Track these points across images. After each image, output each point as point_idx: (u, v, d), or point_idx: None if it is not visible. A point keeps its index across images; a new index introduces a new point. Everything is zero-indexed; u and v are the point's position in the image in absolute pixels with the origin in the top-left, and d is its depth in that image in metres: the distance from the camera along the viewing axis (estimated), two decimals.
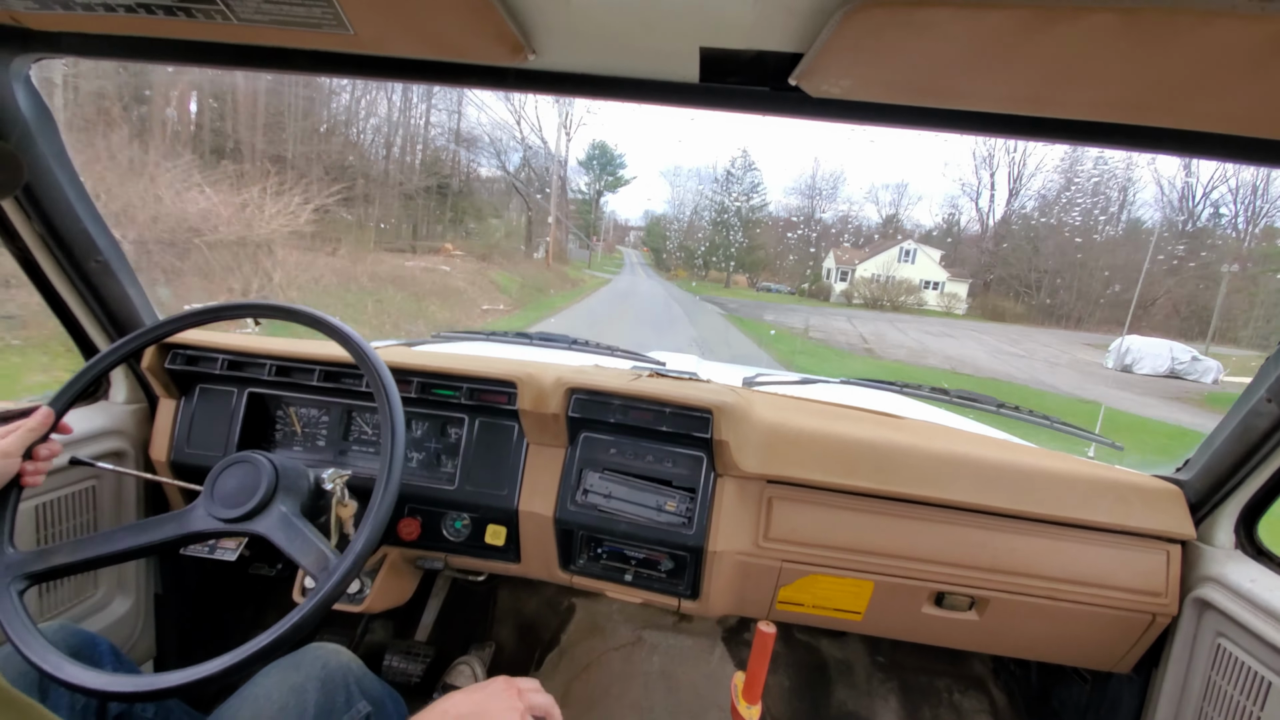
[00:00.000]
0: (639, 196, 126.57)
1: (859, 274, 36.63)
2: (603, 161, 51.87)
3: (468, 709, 0.72)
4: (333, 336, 1.00)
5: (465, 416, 1.29)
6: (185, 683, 0.74)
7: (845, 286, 36.75)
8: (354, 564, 0.83)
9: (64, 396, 0.96)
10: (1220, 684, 1.07)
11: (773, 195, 74.29)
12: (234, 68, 0.95)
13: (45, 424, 0.91)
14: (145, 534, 0.91)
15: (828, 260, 39.53)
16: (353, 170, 15.25)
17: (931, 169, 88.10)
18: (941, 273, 37.15)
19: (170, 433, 1.32)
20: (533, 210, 30.53)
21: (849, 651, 1.79)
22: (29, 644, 0.78)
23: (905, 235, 43.48)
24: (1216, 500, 1.14)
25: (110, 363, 1.00)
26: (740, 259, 44.93)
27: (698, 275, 46.32)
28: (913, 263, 36.77)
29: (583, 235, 51.30)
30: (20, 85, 0.98)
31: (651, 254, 58.01)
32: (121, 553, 0.91)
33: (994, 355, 19.17)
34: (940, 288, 36.86)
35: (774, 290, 40.24)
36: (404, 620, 1.75)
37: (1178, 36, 0.55)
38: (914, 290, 36.08)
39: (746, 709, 1.10)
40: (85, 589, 1.29)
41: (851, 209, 56.86)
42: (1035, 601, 1.16)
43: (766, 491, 1.20)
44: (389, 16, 0.73)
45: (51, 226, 1.10)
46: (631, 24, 0.73)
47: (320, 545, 0.88)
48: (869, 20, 0.60)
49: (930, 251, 37.98)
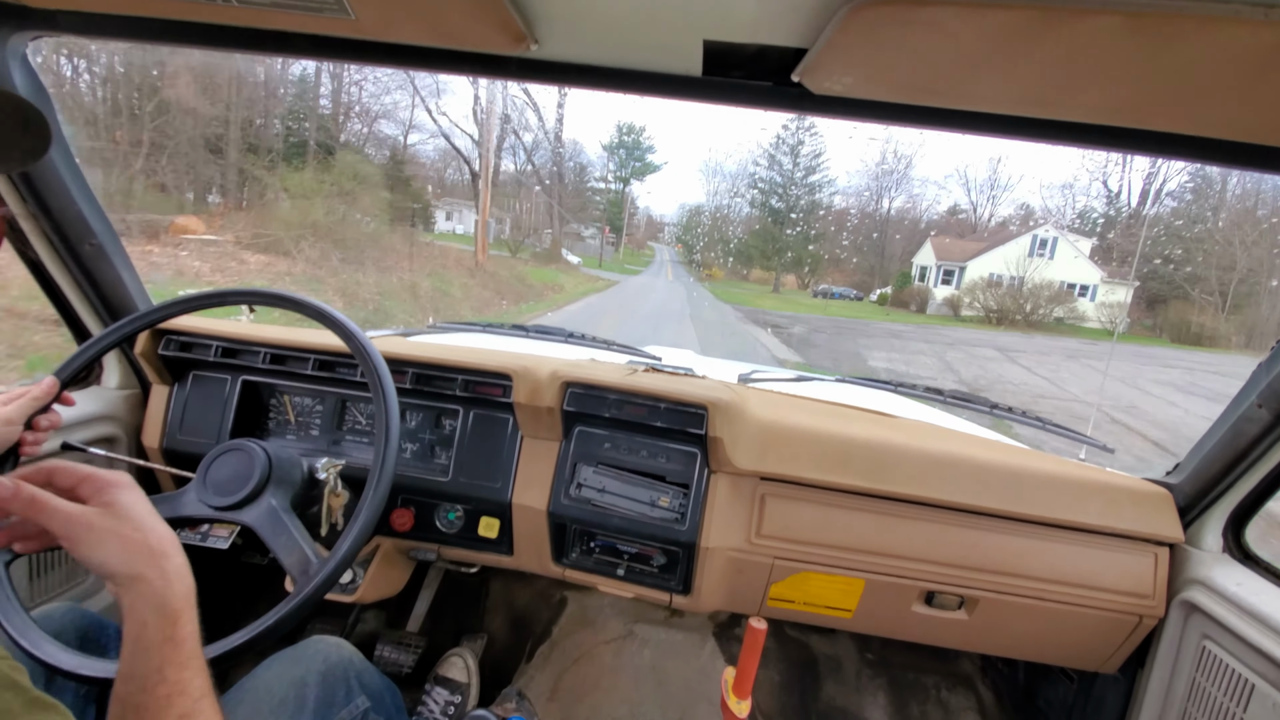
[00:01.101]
0: (676, 191, 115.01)
1: (972, 274, 25.78)
2: (629, 146, 46.85)
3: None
4: (329, 325, 0.99)
5: (460, 408, 1.28)
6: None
7: (951, 292, 25.86)
8: (335, 570, 0.82)
9: (59, 378, 0.95)
10: (1204, 685, 1.08)
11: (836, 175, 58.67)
12: (233, 50, 0.94)
13: (49, 393, 0.90)
14: None
15: (922, 254, 28.95)
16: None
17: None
18: (1093, 271, 25.30)
19: (163, 419, 1.32)
20: (521, 197, 27.91)
21: (839, 648, 1.80)
22: (9, 618, 0.78)
23: (1032, 222, 30.97)
24: (1205, 504, 1.15)
25: (104, 346, 0.99)
26: (795, 252, 34.59)
27: (738, 275, 38.31)
28: (1051, 257, 25.18)
29: (584, 227, 47.20)
30: (17, 64, 0.97)
31: (685, 250, 52.43)
32: None
33: None
34: (1092, 294, 24.95)
35: (837, 296, 30.78)
36: (396, 611, 1.75)
37: (1180, 40, 0.56)
38: (1060, 298, 23.96)
39: (737, 704, 1.11)
40: (77, 574, 1.29)
41: (940, 193, 46.10)
42: (1024, 602, 1.17)
43: (760, 488, 1.20)
44: (389, 2, 0.73)
45: (46, 208, 1.09)
46: (635, 16, 0.73)
47: (304, 546, 0.87)
48: (873, 18, 0.60)
49: (1076, 242, 26.00)
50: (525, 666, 1.70)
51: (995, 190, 42.15)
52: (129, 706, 0.55)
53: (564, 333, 1.69)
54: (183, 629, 0.59)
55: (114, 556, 0.58)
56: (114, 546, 0.58)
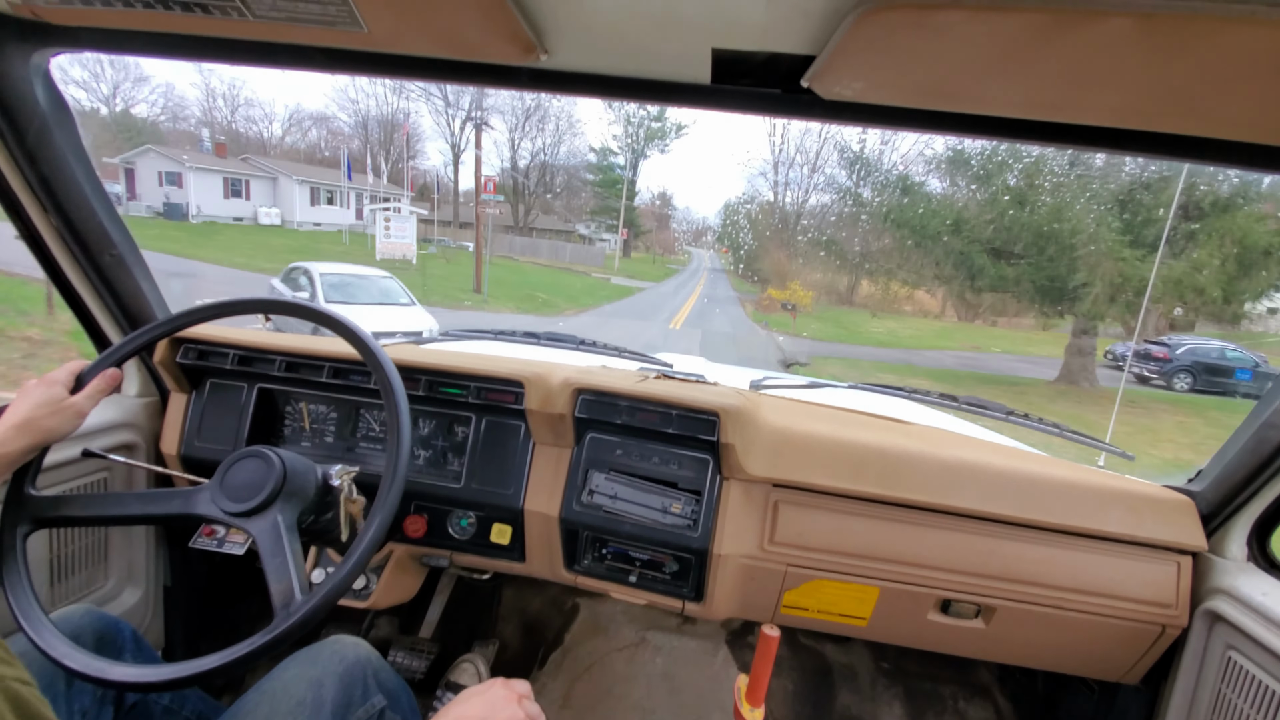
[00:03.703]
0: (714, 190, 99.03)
1: None
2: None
3: (474, 715, 0.74)
4: (341, 334, 1.00)
5: (472, 415, 1.29)
6: (143, 681, 0.75)
7: None
8: (314, 609, 0.81)
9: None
10: (1230, 697, 1.05)
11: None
12: (250, 64, 0.96)
13: (114, 383, 0.97)
14: (152, 504, 0.95)
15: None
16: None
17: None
18: None
19: (181, 426, 1.34)
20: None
21: (853, 657, 1.78)
22: (27, 614, 0.80)
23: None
24: (1229, 512, 1.13)
25: (123, 355, 1.01)
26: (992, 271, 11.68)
27: (834, 296, 21.89)
28: None
29: (587, 224, 38.85)
30: (39, 79, 0.99)
31: (731, 256, 37.79)
32: (127, 516, 0.94)
33: None
34: None
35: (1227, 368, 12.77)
36: (409, 617, 1.76)
37: (1196, 41, 0.55)
38: None
39: (750, 712, 1.10)
40: (96, 579, 1.31)
41: None
42: (1043, 611, 1.15)
43: (772, 495, 1.19)
44: (402, 15, 0.74)
45: (68, 219, 1.11)
46: (644, 25, 0.73)
47: (294, 576, 0.86)
48: (882, 23, 0.60)
49: None
50: (538, 673, 1.70)
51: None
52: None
53: (575, 340, 1.69)
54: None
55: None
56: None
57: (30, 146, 1.02)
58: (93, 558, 1.29)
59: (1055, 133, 0.82)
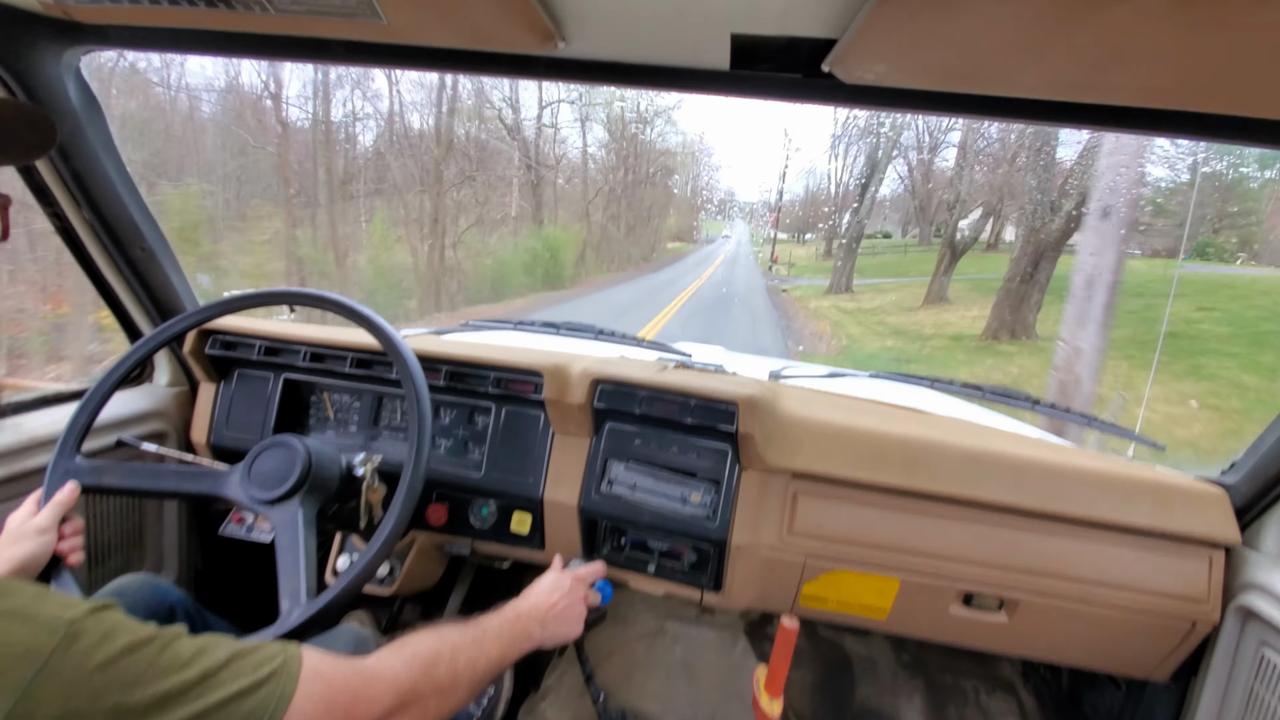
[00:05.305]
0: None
1: None
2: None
3: (549, 603, 0.99)
4: (363, 325, 1.02)
5: (492, 405, 1.30)
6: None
7: None
8: (318, 613, 0.83)
9: (111, 378, 1.00)
10: (1263, 695, 1.03)
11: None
12: (273, 58, 0.98)
13: (73, 498, 0.91)
14: (185, 481, 0.99)
15: None
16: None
17: None
18: None
19: (210, 416, 1.37)
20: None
21: (874, 649, 1.77)
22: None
23: None
24: (1264, 505, 1.09)
25: (154, 346, 1.04)
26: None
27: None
28: None
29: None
30: (71, 77, 1.02)
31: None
32: (161, 491, 0.99)
33: None
34: None
35: None
36: (430, 604, 1.78)
37: (1232, 17, 0.53)
38: None
39: (769, 702, 1.10)
40: (131, 566, 1.35)
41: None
42: (1068, 605, 1.13)
43: (792, 486, 1.19)
44: (420, 5, 0.74)
45: (100, 214, 1.14)
46: (661, 11, 0.73)
47: (303, 576, 0.87)
48: (906, 4, 0.59)
49: None
50: (558, 660, 1.71)
51: None
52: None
53: (594, 329, 1.69)
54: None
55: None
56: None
57: (63, 143, 1.04)
58: (129, 541, 1.33)
59: (1085, 114, 0.79)
